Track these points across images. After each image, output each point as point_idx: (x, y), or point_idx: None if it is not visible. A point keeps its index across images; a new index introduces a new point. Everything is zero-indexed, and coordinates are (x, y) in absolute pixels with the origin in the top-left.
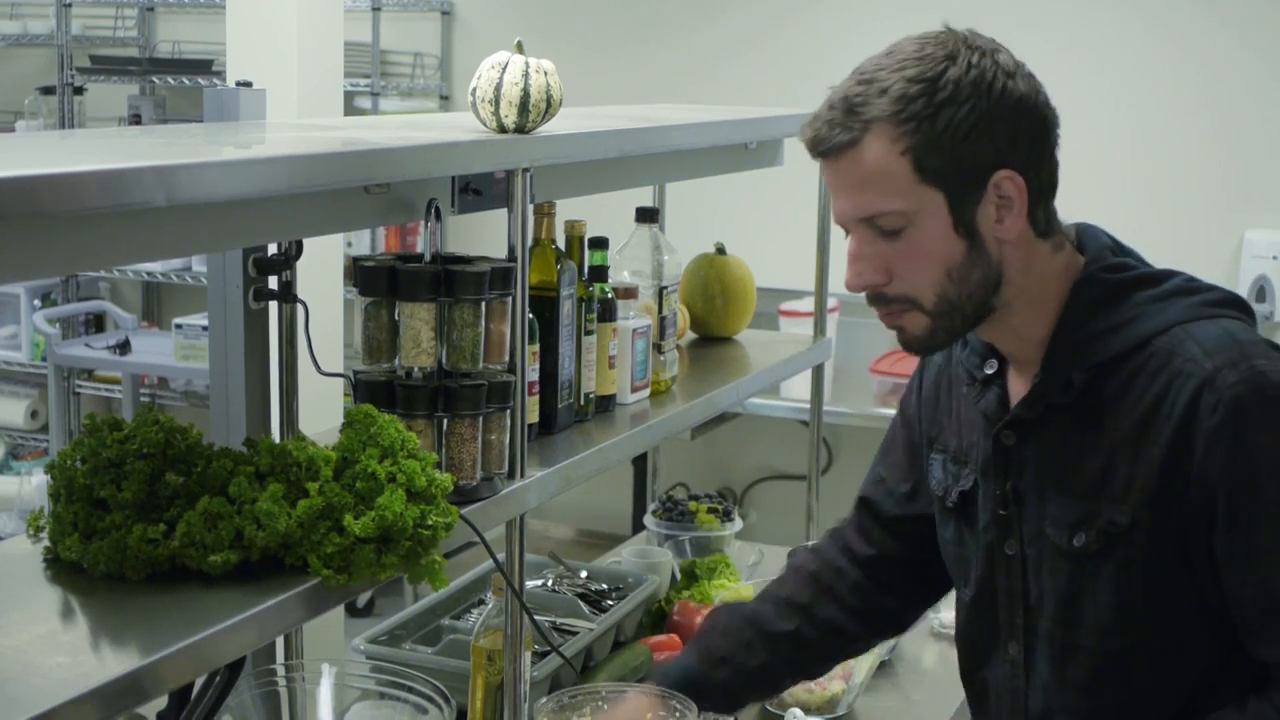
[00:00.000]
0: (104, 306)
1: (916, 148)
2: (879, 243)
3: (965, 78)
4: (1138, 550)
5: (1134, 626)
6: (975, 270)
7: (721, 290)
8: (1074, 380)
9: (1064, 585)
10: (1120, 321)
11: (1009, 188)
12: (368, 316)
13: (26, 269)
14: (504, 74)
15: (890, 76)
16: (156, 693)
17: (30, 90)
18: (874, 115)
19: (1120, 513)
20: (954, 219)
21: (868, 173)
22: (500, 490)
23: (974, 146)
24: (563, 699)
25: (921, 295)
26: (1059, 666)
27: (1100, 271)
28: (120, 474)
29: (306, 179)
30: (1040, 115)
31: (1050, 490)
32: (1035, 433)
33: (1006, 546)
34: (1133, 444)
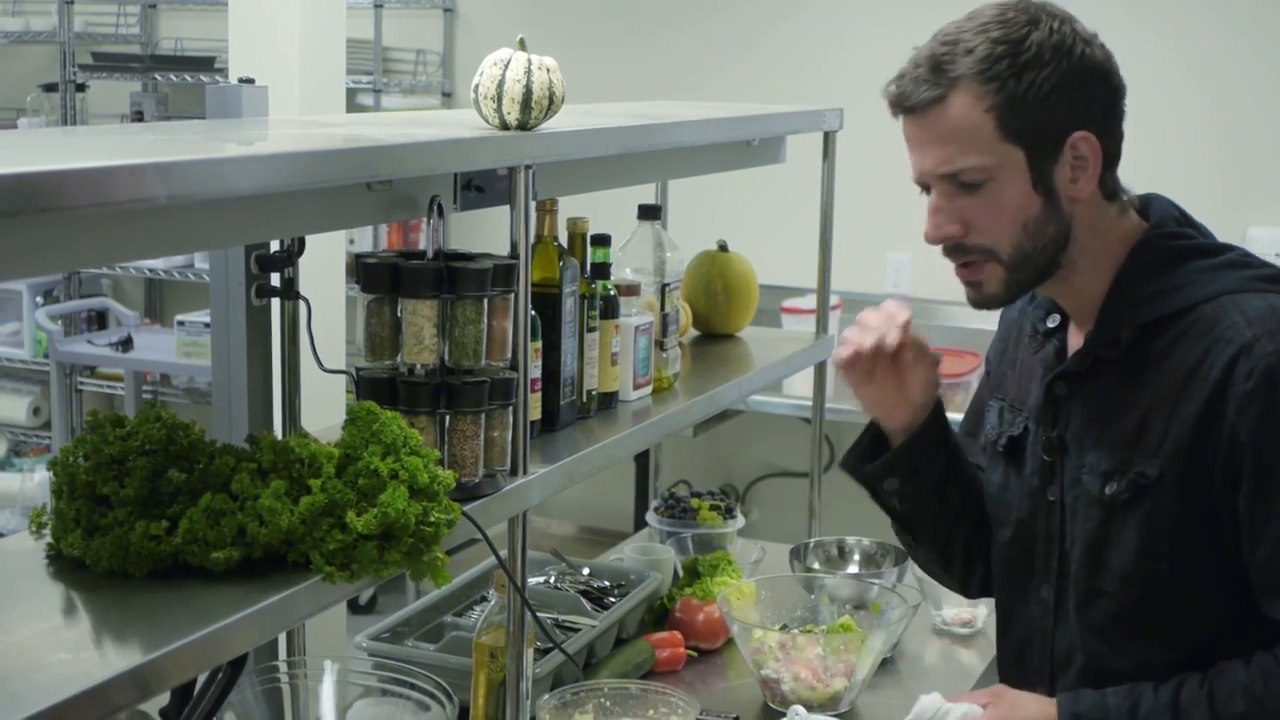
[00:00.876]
0: (106, 303)
1: (1000, 106)
2: (959, 197)
3: (1048, 41)
4: (1164, 503)
5: (1154, 576)
6: (1050, 226)
7: (724, 287)
8: (1122, 337)
9: (1093, 531)
10: (1173, 285)
11: (1085, 148)
12: (370, 313)
13: (29, 266)
14: (506, 71)
15: (975, 38)
16: (159, 689)
17: (32, 87)
18: (960, 73)
19: (1150, 465)
20: (1033, 176)
21: (952, 128)
22: (502, 487)
23: (1054, 107)
24: (565, 696)
25: (999, 247)
26: (1083, 610)
27: (1159, 237)
28: (123, 470)
29: (309, 176)
30: (1113, 83)
31: (1090, 440)
32: (1084, 385)
33: (1049, 492)
34: (1170, 402)
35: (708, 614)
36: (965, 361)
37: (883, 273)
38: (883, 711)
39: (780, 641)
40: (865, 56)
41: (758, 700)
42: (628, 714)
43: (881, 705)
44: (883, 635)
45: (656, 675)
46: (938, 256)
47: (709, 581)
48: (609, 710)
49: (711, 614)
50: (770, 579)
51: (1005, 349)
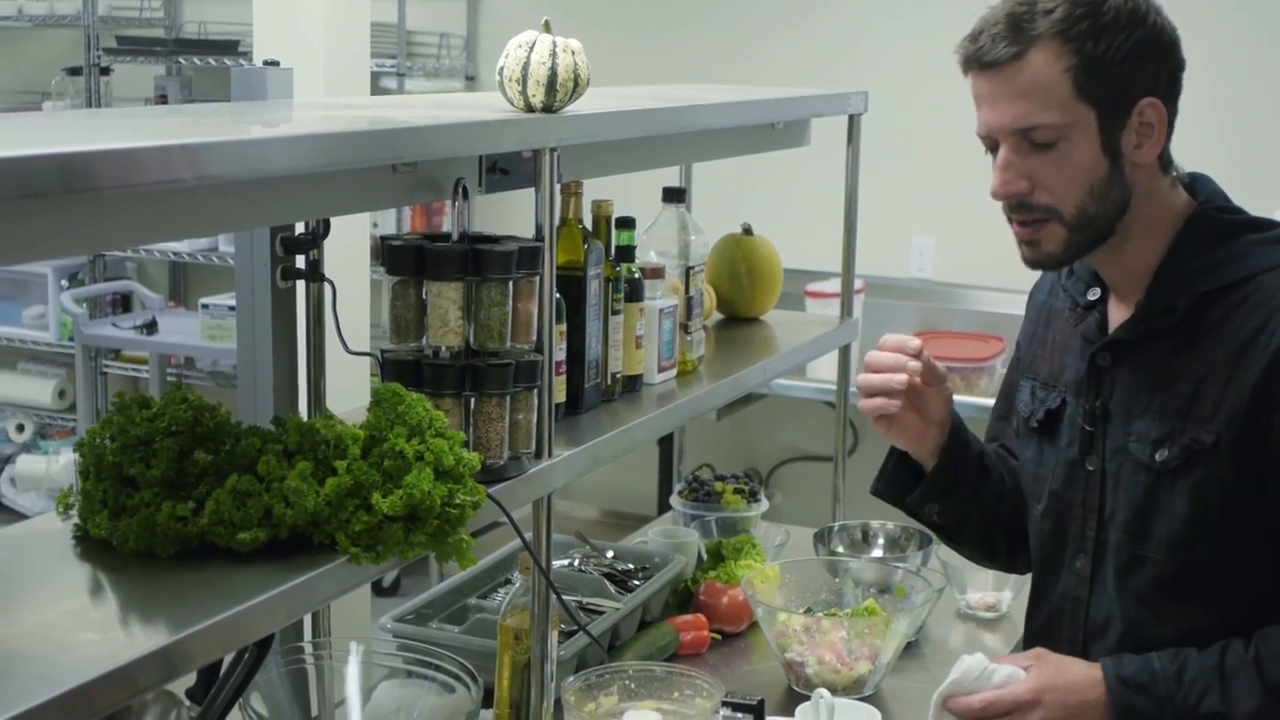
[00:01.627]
0: (131, 286)
1: (1078, 65)
2: (1029, 154)
3: (1124, 6)
4: (1217, 469)
5: (1201, 543)
6: (1114, 189)
7: (748, 271)
8: (1178, 305)
9: (1139, 499)
10: (1230, 256)
11: (1151, 115)
12: (395, 296)
13: (53, 247)
14: (531, 53)
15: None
16: (185, 669)
17: (57, 71)
18: (1041, 30)
19: (1205, 432)
20: (1103, 138)
21: (1030, 85)
22: (527, 469)
23: (1128, 72)
24: (590, 678)
25: (1064, 206)
26: (1123, 577)
27: (1214, 210)
28: (149, 452)
29: (333, 157)
30: (1179, 53)
31: (1137, 409)
32: (1130, 355)
33: (1088, 462)
34: (1227, 370)
35: (732, 597)
36: (989, 345)
37: (907, 256)
38: (907, 695)
39: (804, 625)
40: (892, 40)
41: (782, 683)
42: (652, 696)
43: (906, 689)
44: (907, 619)
45: (680, 658)
46: (961, 240)
47: (733, 565)
48: (633, 692)
49: (735, 597)
50: (794, 562)
51: (1035, 330)
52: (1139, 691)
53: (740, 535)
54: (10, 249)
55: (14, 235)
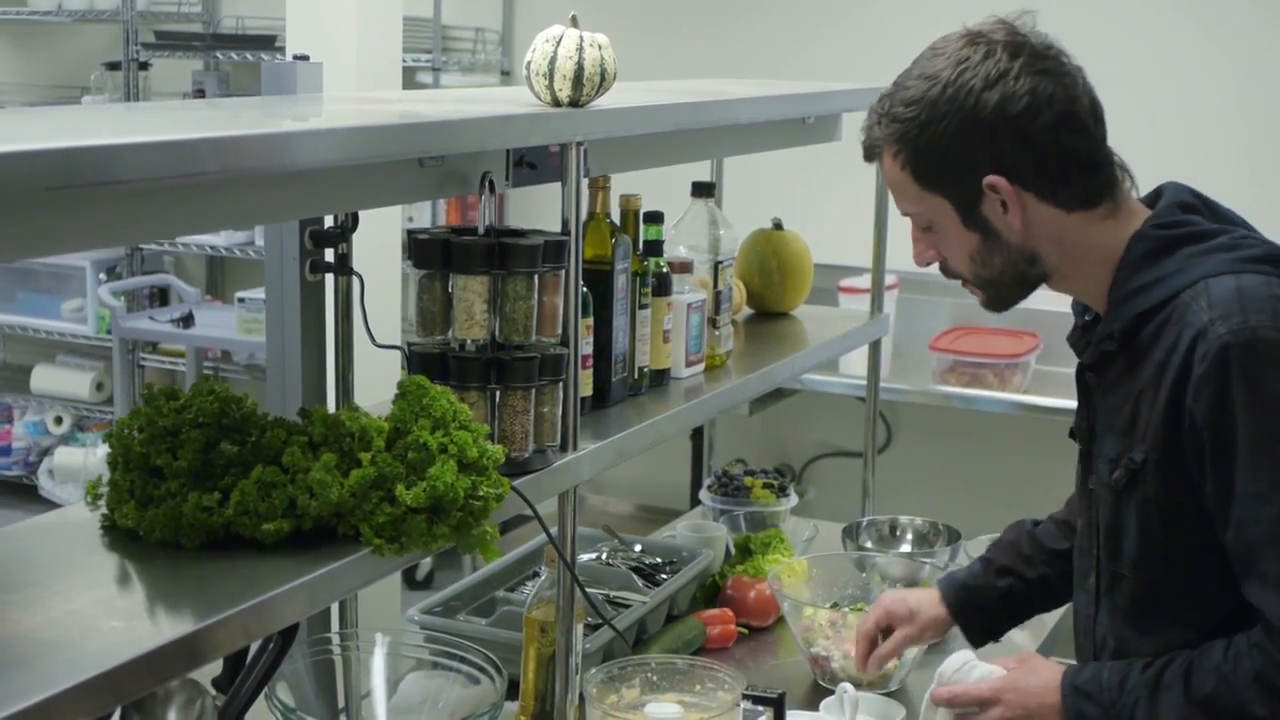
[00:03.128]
0: (168, 280)
1: (911, 162)
2: (922, 232)
3: (941, 97)
4: (1151, 487)
5: (1156, 559)
6: (995, 255)
7: (778, 266)
8: (1114, 330)
9: (1109, 517)
10: (1161, 275)
11: (1000, 189)
12: (422, 289)
13: (84, 239)
14: (558, 48)
15: (895, 97)
16: (210, 658)
17: (96, 66)
18: (879, 135)
19: (1138, 451)
20: (962, 218)
21: (889, 181)
22: (553, 462)
23: (957, 159)
24: (612, 670)
25: (963, 272)
26: (1109, 594)
27: (1153, 229)
28: (176, 443)
29: (360, 151)
30: (1029, 114)
31: (1103, 429)
32: (1101, 377)
33: (1089, 481)
34: (1151, 389)
35: (759, 591)
36: (1023, 341)
37: None
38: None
39: (830, 619)
40: (925, 36)
41: (808, 678)
42: (674, 689)
43: (928, 683)
44: None
45: (707, 652)
46: None
47: (760, 559)
48: (656, 685)
49: (763, 591)
50: (822, 557)
51: None
52: (1088, 699)
53: (768, 530)
54: (37, 242)
55: (33, 229)
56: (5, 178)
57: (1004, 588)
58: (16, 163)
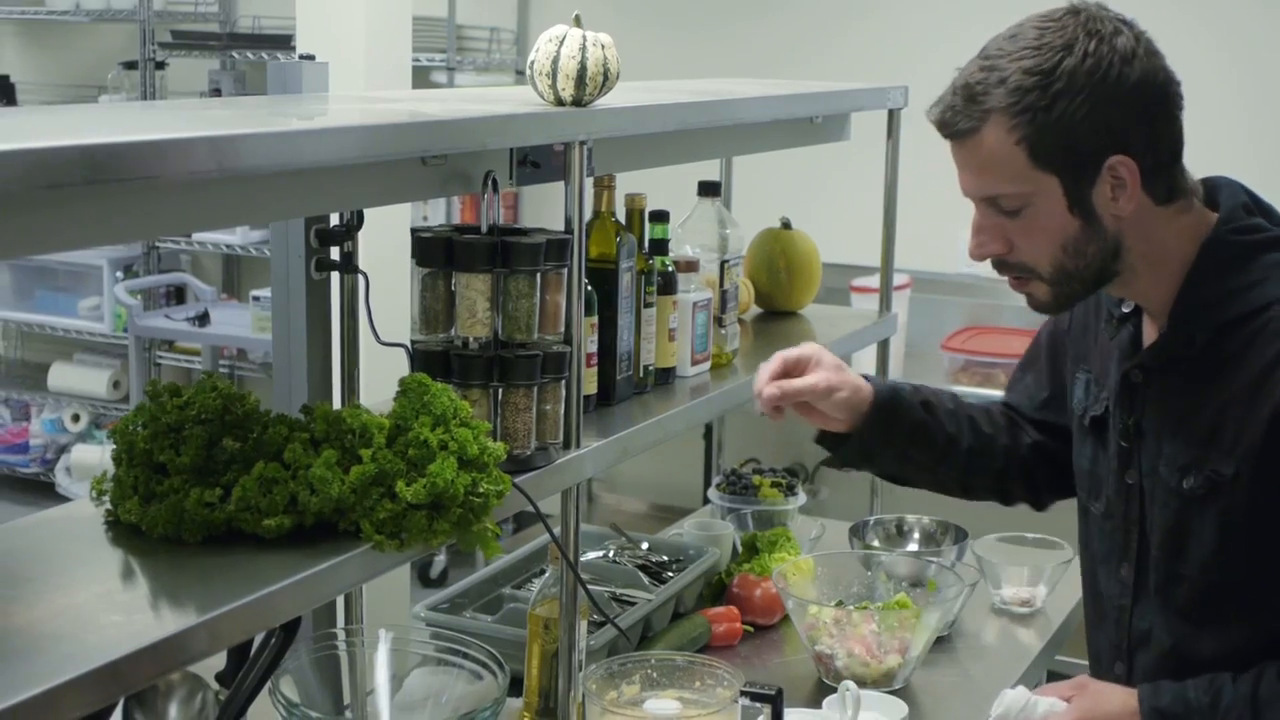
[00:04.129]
0: (184, 279)
1: (1031, 137)
2: (999, 218)
3: (1080, 68)
4: (1239, 499)
5: (1233, 566)
6: (1091, 244)
7: (786, 265)
8: (1196, 338)
9: (1172, 520)
10: (1247, 283)
11: (1122, 171)
12: (425, 287)
13: (85, 237)
14: (561, 47)
15: (1009, 66)
16: (209, 651)
17: (113, 65)
18: (991, 105)
19: (1226, 464)
20: (1069, 200)
21: (986, 158)
22: (555, 460)
23: (1087, 134)
24: (612, 667)
25: (1040, 264)
26: (1164, 591)
27: (1230, 233)
28: (179, 439)
29: (361, 150)
30: (1159, 94)
31: (1167, 432)
32: (1157, 377)
33: (1127, 475)
34: (1245, 402)
35: (765, 589)
36: (1027, 341)
37: (954, 251)
38: (939, 689)
39: (835, 617)
40: (933, 31)
41: (812, 676)
42: (674, 685)
43: (937, 683)
44: (938, 613)
45: (713, 650)
46: None
47: (767, 557)
48: (656, 681)
49: (769, 590)
50: (828, 555)
51: (1086, 320)
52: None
53: (775, 528)
54: (38, 239)
55: (36, 226)
56: (8, 175)
57: (923, 419)
58: (17, 160)
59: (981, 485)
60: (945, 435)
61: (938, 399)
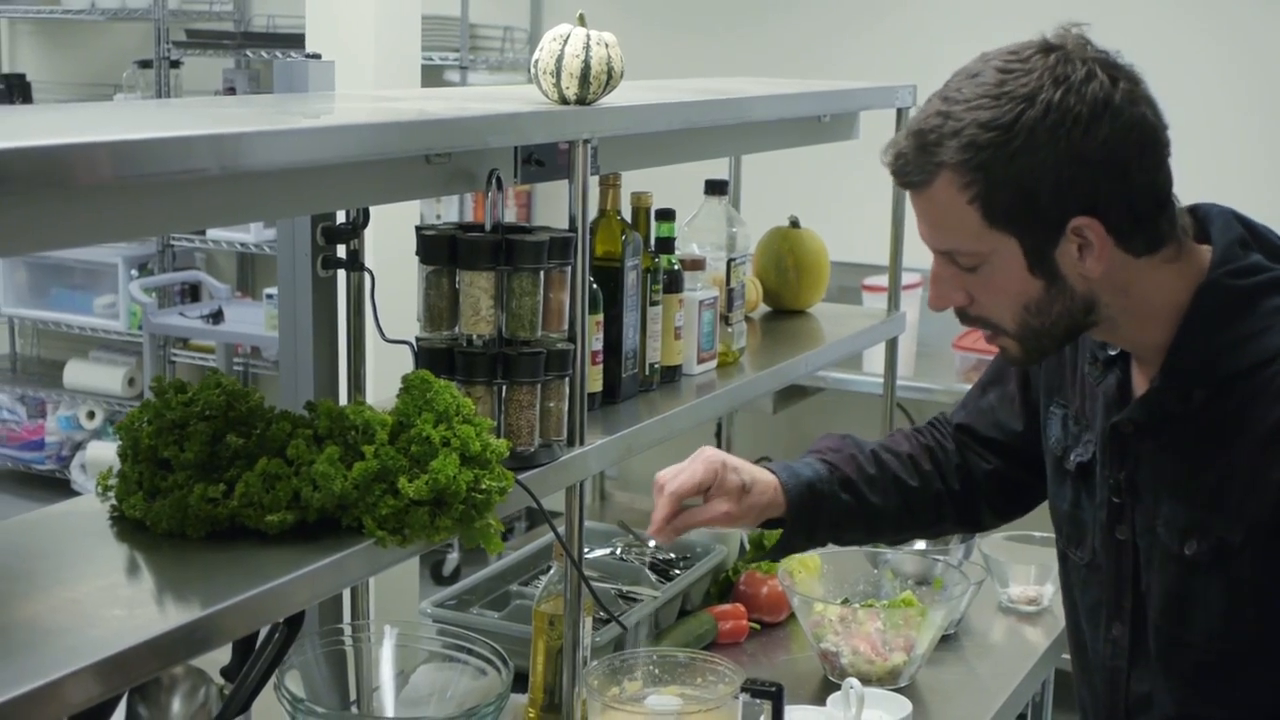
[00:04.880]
0: (199, 277)
1: (984, 196)
2: (958, 272)
3: (1042, 123)
4: (1248, 568)
5: (1242, 634)
6: (1055, 304)
7: (794, 264)
8: (1194, 394)
9: (1173, 585)
10: (1247, 334)
11: (1088, 234)
12: (429, 284)
13: (79, 235)
14: (565, 46)
15: (965, 115)
16: (210, 646)
17: (128, 64)
18: (943, 159)
19: (1234, 531)
20: (1029, 262)
21: (939, 213)
22: (559, 457)
23: (1048, 196)
24: (614, 663)
25: (1003, 322)
26: (1165, 658)
27: (1226, 277)
28: (183, 435)
29: (362, 148)
30: (1137, 147)
31: (1164, 492)
32: (1151, 431)
33: (1118, 531)
34: (1252, 465)
35: (771, 587)
36: None
37: None
38: (944, 687)
39: (840, 615)
40: (942, 31)
41: (818, 673)
42: (676, 681)
43: (943, 681)
44: (943, 610)
45: (719, 647)
46: None
47: None
48: (657, 677)
49: (775, 587)
50: (834, 553)
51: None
52: None
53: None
54: (47, 236)
55: (45, 221)
56: (15, 172)
57: (846, 502)
58: (25, 157)
59: (915, 535)
60: (871, 509)
61: (859, 470)
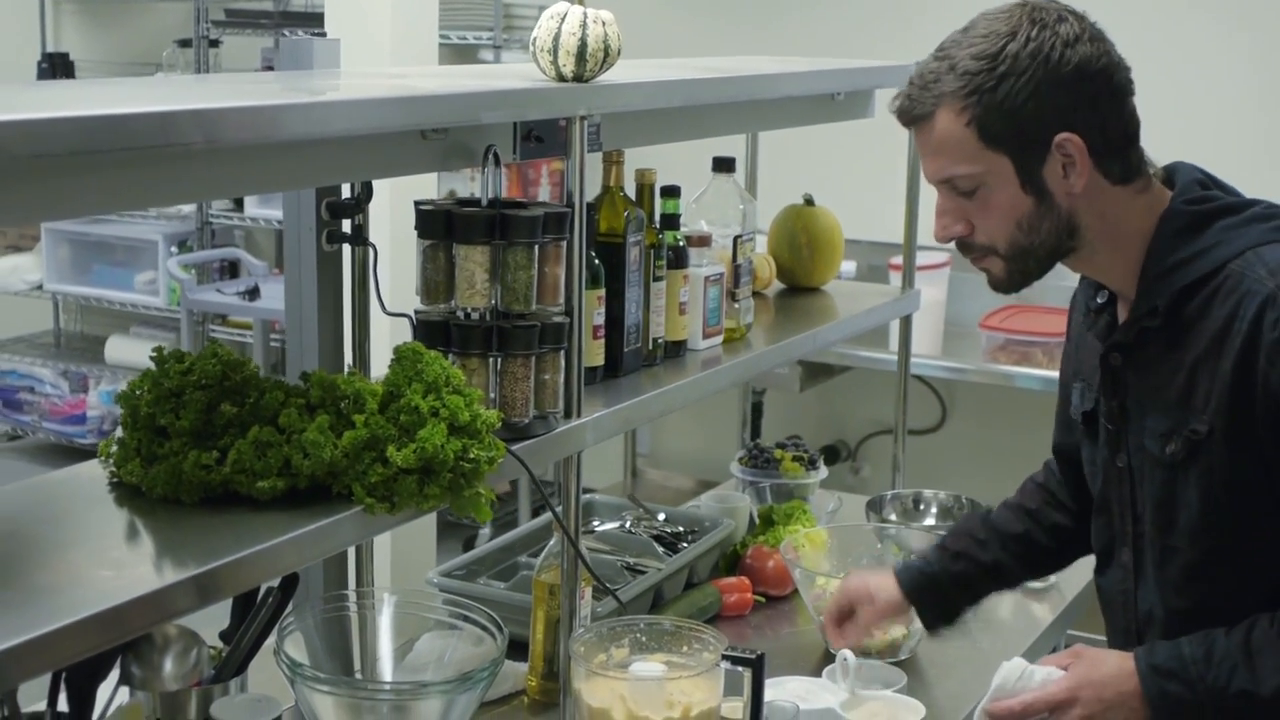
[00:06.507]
0: (237, 254)
1: (980, 118)
2: (958, 200)
3: (1024, 51)
4: (1217, 457)
5: (1219, 529)
6: (1045, 221)
7: (808, 241)
8: (1159, 307)
9: (1159, 492)
10: (1201, 248)
11: (1070, 147)
12: (426, 258)
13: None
14: (562, 24)
15: (959, 54)
16: (197, 605)
17: (168, 43)
18: (942, 90)
19: (1200, 422)
20: (1020, 178)
21: (940, 142)
22: (555, 428)
23: (1033, 113)
24: (601, 630)
25: (997, 242)
26: (1159, 569)
27: (1183, 204)
28: (180, 404)
29: (349, 123)
30: (1103, 76)
31: (1148, 406)
32: (1135, 354)
33: (1117, 460)
34: (1209, 360)
35: (777, 561)
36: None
37: None
38: (944, 660)
39: None
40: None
41: (820, 646)
42: (662, 649)
43: (944, 654)
44: None
45: (724, 619)
46: None
47: (782, 529)
48: (645, 645)
49: (780, 561)
50: (841, 527)
51: (1078, 337)
52: (1170, 677)
53: (792, 501)
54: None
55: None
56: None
57: (958, 572)
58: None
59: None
60: (989, 566)
61: (970, 539)
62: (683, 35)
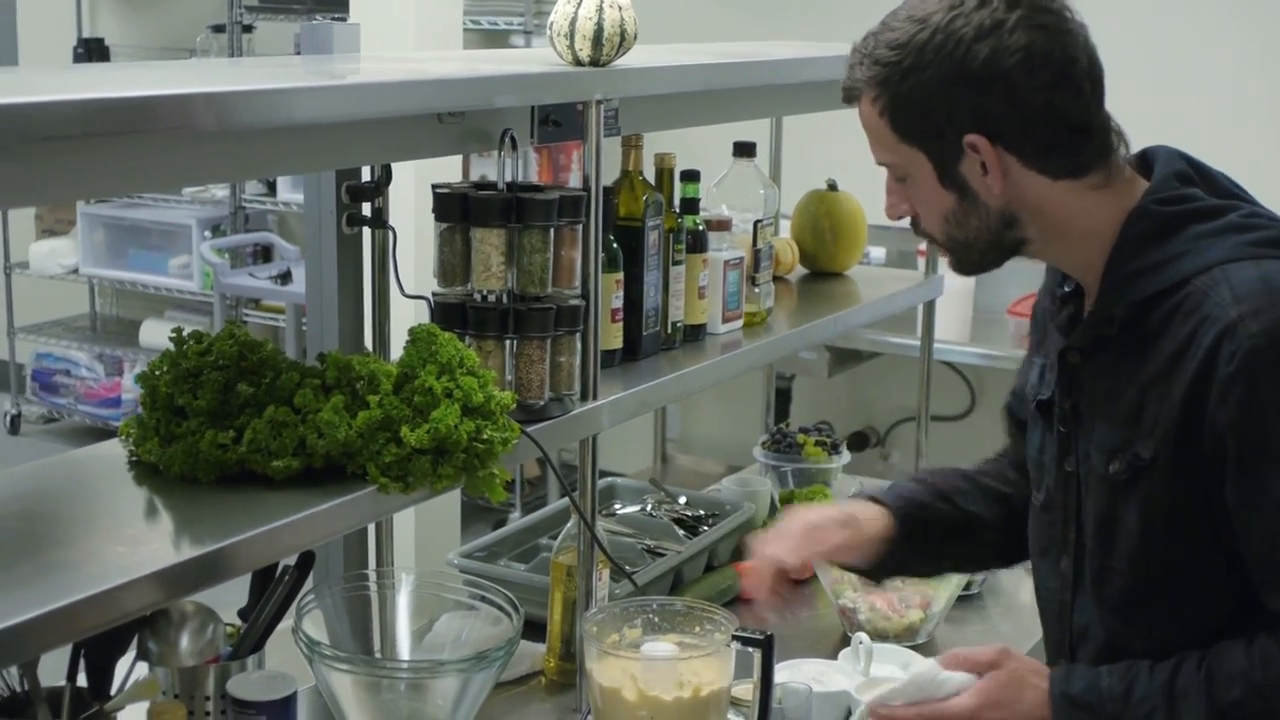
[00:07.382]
0: (270, 238)
1: (889, 110)
2: (897, 183)
3: (929, 44)
4: (1159, 485)
5: (1157, 557)
6: (971, 217)
7: (831, 226)
8: (1116, 316)
9: (1102, 508)
10: (1167, 257)
11: (982, 149)
12: (443, 241)
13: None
14: (579, 9)
15: (880, 38)
16: (215, 580)
17: (202, 28)
18: (858, 78)
19: (1145, 447)
20: (938, 175)
21: (866, 127)
22: (571, 410)
23: (937, 112)
24: (614, 610)
25: (933, 231)
26: (1098, 585)
27: (1154, 204)
28: (197, 384)
29: (362, 107)
30: (1025, 69)
31: (1099, 416)
32: (1092, 358)
33: (1065, 463)
34: (1162, 382)
35: None
36: None
37: None
38: (962, 643)
39: None
40: None
41: (839, 629)
42: (675, 630)
43: (963, 638)
44: None
45: (743, 602)
46: None
47: None
48: (657, 625)
49: None
50: None
51: (1046, 306)
52: (1084, 710)
53: (813, 485)
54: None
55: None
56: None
57: (943, 510)
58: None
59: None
60: (970, 517)
61: (951, 481)
62: (699, 22)
